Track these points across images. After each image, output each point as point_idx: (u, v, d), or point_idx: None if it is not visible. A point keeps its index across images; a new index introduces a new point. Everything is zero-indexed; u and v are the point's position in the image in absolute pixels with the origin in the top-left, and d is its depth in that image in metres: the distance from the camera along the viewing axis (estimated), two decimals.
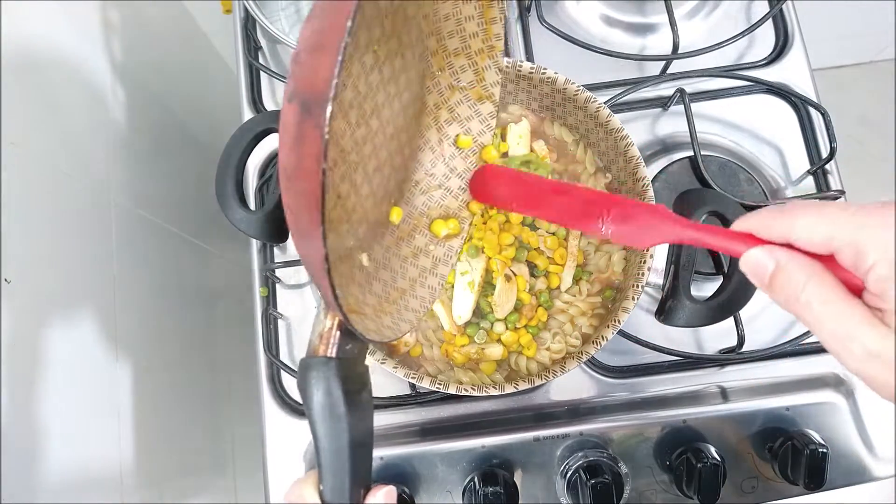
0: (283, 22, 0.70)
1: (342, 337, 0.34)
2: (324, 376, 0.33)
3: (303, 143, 0.27)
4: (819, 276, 0.27)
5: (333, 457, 0.33)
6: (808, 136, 0.65)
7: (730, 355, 0.59)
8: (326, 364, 0.33)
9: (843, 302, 0.27)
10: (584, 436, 0.56)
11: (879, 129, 1.44)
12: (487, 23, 0.43)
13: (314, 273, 0.30)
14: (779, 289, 0.29)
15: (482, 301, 0.52)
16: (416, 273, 0.47)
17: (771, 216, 0.30)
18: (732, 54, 0.68)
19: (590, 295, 0.54)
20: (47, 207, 0.55)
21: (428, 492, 0.55)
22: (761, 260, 0.29)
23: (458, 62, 0.45)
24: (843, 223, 0.27)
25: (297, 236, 0.30)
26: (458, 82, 0.46)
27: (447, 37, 0.43)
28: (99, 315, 0.60)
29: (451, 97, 0.47)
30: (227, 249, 0.96)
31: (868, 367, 0.26)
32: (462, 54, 0.45)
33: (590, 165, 0.56)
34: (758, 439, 0.56)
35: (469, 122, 0.48)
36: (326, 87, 0.26)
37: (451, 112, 0.48)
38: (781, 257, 0.29)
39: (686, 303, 0.45)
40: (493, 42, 0.44)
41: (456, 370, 0.52)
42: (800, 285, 0.28)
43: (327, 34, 0.27)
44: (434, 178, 0.48)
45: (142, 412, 0.64)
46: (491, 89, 0.47)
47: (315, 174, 0.26)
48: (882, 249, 0.25)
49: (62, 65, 0.61)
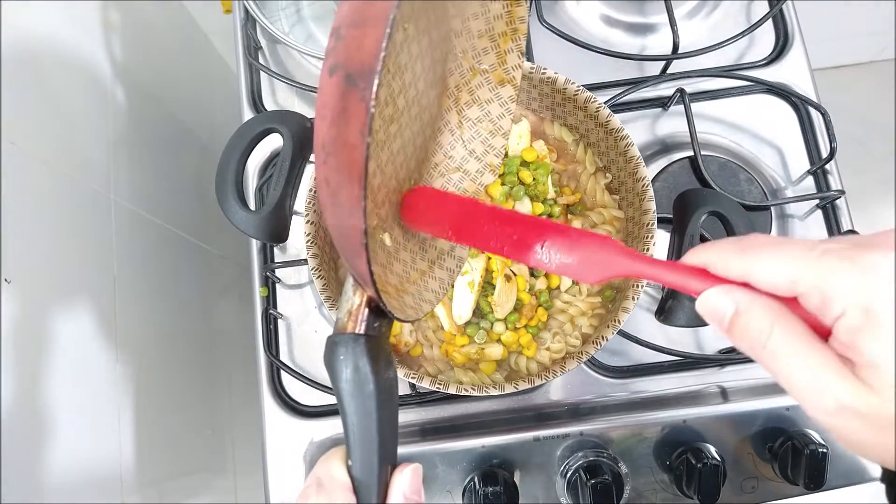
0: (283, 22, 0.70)
1: (370, 314, 0.34)
2: (353, 353, 0.33)
3: (346, 115, 0.27)
4: (785, 322, 0.25)
5: (362, 433, 0.33)
6: (808, 136, 0.65)
7: (730, 355, 0.59)
8: (356, 341, 0.33)
9: (813, 351, 0.24)
10: (584, 436, 0.56)
11: (879, 129, 1.44)
12: (512, 4, 0.43)
13: (349, 247, 0.30)
14: (740, 334, 0.26)
15: (482, 301, 0.52)
16: (434, 255, 0.47)
17: (729, 252, 0.26)
18: (732, 54, 0.68)
19: (590, 295, 0.54)
20: (47, 207, 0.55)
21: (428, 492, 0.55)
22: (719, 302, 0.27)
23: (480, 44, 0.45)
24: (809, 265, 0.24)
25: (334, 210, 0.29)
26: (479, 65, 0.46)
27: (472, 18, 0.43)
28: (99, 315, 0.60)
29: (472, 79, 0.47)
30: (227, 249, 0.96)
31: (841, 421, 0.24)
32: (485, 36, 0.45)
33: (590, 165, 0.56)
34: (758, 439, 0.56)
35: (489, 105, 0.48)
36: (373, 60, 0.26)
37: (471, 94, 0.48)
38: (741, 300, 0.26)
39: (686, 303, 0.45)
40: (516, 24, 0.44)
41: (456, 370, 0.52)
42: (764, 332, 0.25)
43: (374, 7, 0.27)
44: (453, 161, 0.48)
45: (142, 412, 0.64)
46: (512, 73, 0.47)
47: (360, 147, 0.26)
48: (851, 297, 0.23)
49: (62, 65, 0.61)
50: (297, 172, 0.48)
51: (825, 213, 0.63)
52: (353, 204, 0.28)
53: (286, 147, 0.48)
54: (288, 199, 0.48)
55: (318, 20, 0.70)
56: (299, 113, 0.50)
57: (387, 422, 0.33)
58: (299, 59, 0.70)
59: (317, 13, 0.71)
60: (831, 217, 0.63)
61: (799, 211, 0.63)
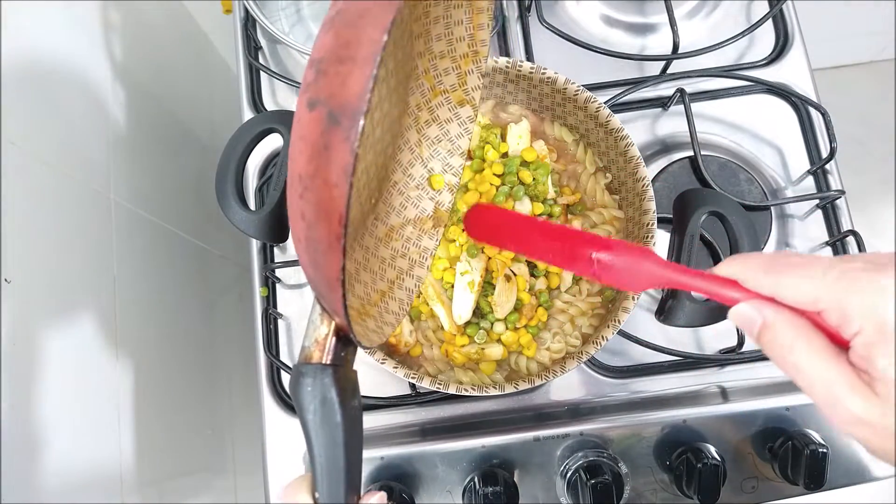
0: (283, 22, 0.70)
1: (338, 343, 0.34)
2: (320, 384, 0.33)
3: (328, 153, 0.26)
4: (806, 337, 0.27)
5: (329, 464, 0.33)
6: (808, 136, 0.65)
7: (730, 355, 0.59)
8: (323, 371, 0.33)
9: (831, 365, 0.26)
10: (584, 436, 0.56)
11: (879, 129, 1.44)
12: (475, 28, 0.43)
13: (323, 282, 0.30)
14: (767, 345, 0.29)
15: (482, 301, 0.52)
16: (394, 275, 0.47)
17: (758, 270, 0.29)
18: (732, 54, 0.68)
19: (590, 295, 0.54)
20: (47, 207, 0.55)
21: (428, 492, 0.55)
22: (749, 315, 0.29)
23: (442, 65, 0.45)
24: (828, 285, 0.26)
25: (309, 245, 0.29)
26: (440, 84, 0.47)
27: (435, 39, 0.44)
28: (99, 315, 0.60)
29: (432, 99, 0.47)
30: (227, 249, 0.96)
31: (857, 430, 0.26)
32: (447, 57, 0.45)
33: (590, 165, 0.56)
34: (758, 439, 0.56)
35: (448, 125, 0.49)
36: (358, 101, 0.26)
37: (431, 113, 0.48)
38: (768, 315, 0.28)
39: (686, 303, 0.45)
40: (478, 47, 0.45)
41: (456, 370, 0.52)
42: (786, 345, 0.27)
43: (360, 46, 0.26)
44: (412, 179, 0.49)
45: (142, 412, 0.64)
46: (472, 93, 0.47)
47: (342, 186, 0.26)
48: (867, 315, 0.25)
49: (62, 64, 0.61)
50: None
51: (825, 213, 0.63)
52: (332, 242, 0.27)
53: (286, 147, 0.48)
54: None
55: (318, 20, 0.70)
56: None
57: (353, 451, 0.34)
58: (299, 59, 0.70)
59: (317, 13, 0.71)
60: (831, 217, 0.63)
61: (799, 211, 0.63)
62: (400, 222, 0.49)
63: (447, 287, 0.53)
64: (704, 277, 0.32)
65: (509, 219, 0.47)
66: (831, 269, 0.26)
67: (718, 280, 0.31)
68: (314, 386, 0.33)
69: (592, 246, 0.38)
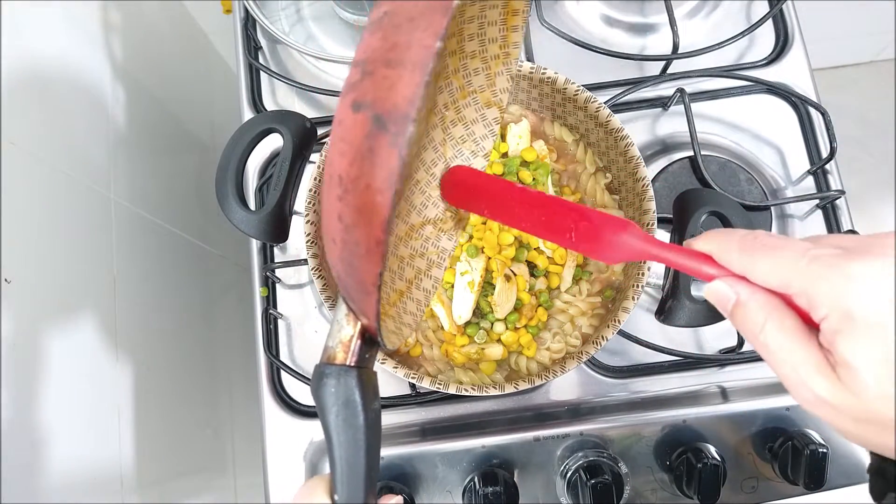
0: (283, 22, 0.70)
1: (363, 345, 0.34)
2: (344, 385, 0.33)
3: (373, 158, 0.26)
4: (777, 318, 0.28)
5: (349, 467, 0.32)
6: (808, 136, 0.65)
7: (730, 355, 0.59)
8: (348, 373, 0.33)
9: (798, 346, 0.27)
10: (584, 436, 0.56)
11: (879, 129, 1.44)
12: (508, 30, 0.43)
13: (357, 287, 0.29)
14: (739, 322, 0.29)
15: (482, 301, 0.52)
16: (412, 275, 0.47)
17: (732, 248, 0.29)
18: (732, 54, 0.68)
19: (590, 295, 0.54)
20: (47, 207, 0.55)
21: (428, 492, 0.55)
22: (723, 292, 0.30)
23: (472, 65, 0.45)
24: (799, 271, 0.27)
25: (345, 247, 0.29)
26: (469, 85, 0.46)
27: (467, 39, 0.43)
28: (99, 315, 0.60)
29: (460, 99, 0.47)
30: (227, 249, 0.96)
31: (821, 411, 0.27)
32: (478, 57, 0.45)
33: (590, 165, 0.56)
34: (758, 439, 0.56)
35: (474, 126, 0.48)
36: (409, 107, 0.25)
37: (458, 113, 0.47)
38: (742, 292, 0.29)
39: (686, 303, 0.45)
40: (509, 49, 0.44)
41: (456, 370, 0.52)
42: (758, 325, 0.28)
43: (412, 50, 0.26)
44: (434, 178, 0.48)
45: (142, 412, 0.64)
46: (500, 95, 0.47)
47: (386, 193, 0.25)
48: (833, 302, 0.25)
49: (62, 65, 0.61)
50: (296, 172, 0.48)
51: (825, 213, 0.63)
52: (372, 247, 0.27)
53: (286, 147, 0.48)
54: (288, 199, 0.48)
55: (318, 20, 0.70)
56: (299, 113, 0.50)
57: (374, 453, 0.33)
58: (299, 59, 0.70)
59: (317, 13, 0.71)
60: (831, 217, 0.63)
61: (799, 211, 0.63)
62: (420, 221, 0.48)
63: (447, 287, 0.53)
64: (681, 252, 0.32)
65: (487, 182, 0.45)
66: (803, 254, 0.27)
67: (694, 255, 0.31)
68: (338, 387, 0.33)
69: (571, 214, 0.38)
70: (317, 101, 0.68)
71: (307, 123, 0.48)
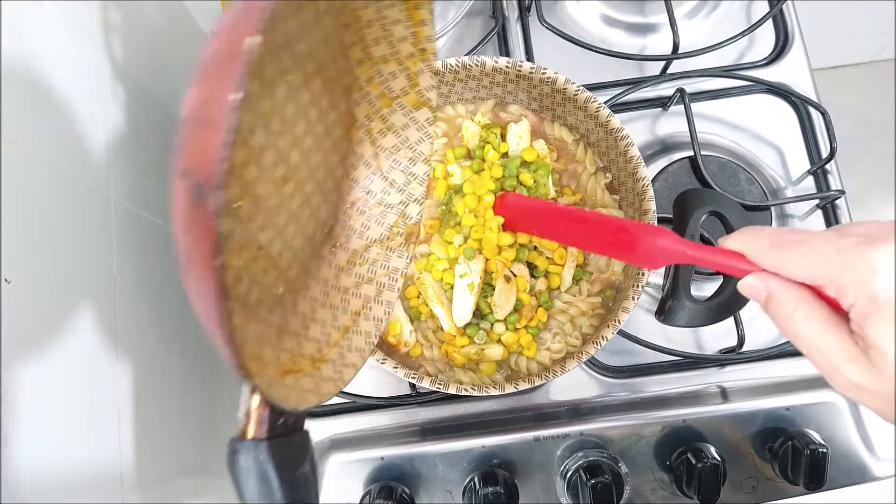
0: None
1: (272, 413, 0.31)
2: (255, 461, 0.30)
3: (195, 230, 0.24)
4: (807, 307, 0.29)
5: None
6: (808, 136, 0.65)
7: (730, 355, 0.59)
8: (257, 447, 0.30)
9: (829, 335, 0.28)
10: (584, 436, 0.56)
11: (879, 129, 1.44)
12: (416, 25, 0.40)
13: (216, 342, 0.27)
14: (772, 314, 0.31)
15: (482, 302, 0.52)
16: (359, 305, 0.44)
17: (762, 246, 0.31)
18: (732, 54, 0.68)
19: (590, 295, 0.54)
20: (47, 207, 0.55)
21: (428, 492, 0.55)
22: (755, 286, 0.31)
23: (387, 69, 0.42)
24: (825, 262, 0.28)
25: (198, 314, 0.27)
26: (389, 91, 0.44)
27: (373, 44, 0.41)
28: (99, 315, 0.60)
29: (383, 107, 0.44)
30: None
31: (855, 395, 0.28)
32: (392, 60, 0.42)
33: (590, 165, 0.56)
34: (758, 439, 0.56)
35: (406, 132, 0.46)
36: (216, 172, 0.23)
37: (384, 122, 0.45)
38: (772, 286, 0.30)
39: (686, 303, 0.45)
40: (424, 45, 0.42)
41: (456, 370, 0.52)
42: (789, 315, 0.30)
43: (212, 106, 0.24)
44: (373, 196, 0.46)
45: (142, 412, 0.64)
46: (426, 94, 0.44)
47: (211, 272, 0.24)
48: (860, 289, 0.27)
49: (62, 64, 0.61)
50: None
51: (825, 213, 0.63)
52: (214, 330, 0.25)
53: None
54: None
55: None
56: None
57: None
58: None
59: None
60: (831, 217, 0.63)
61: (799, 211, 0.63)
62: (363, 244, 0.46)
63: (447, 288, 0.53)
64: (715, 252, 0.34)
65: (534, 206, 0.50)
66: (828, 245, 0.28)
67: (728, 253, 0.33)
68: (248, 464, 0.30)
69: (610, 227, 0.42)
70: None
71: None
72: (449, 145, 0.56)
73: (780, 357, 0.59)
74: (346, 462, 0.56)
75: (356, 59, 0.41)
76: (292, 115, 0.35)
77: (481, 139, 0.55)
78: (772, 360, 0.59)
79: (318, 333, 0.40)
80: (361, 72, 0.42)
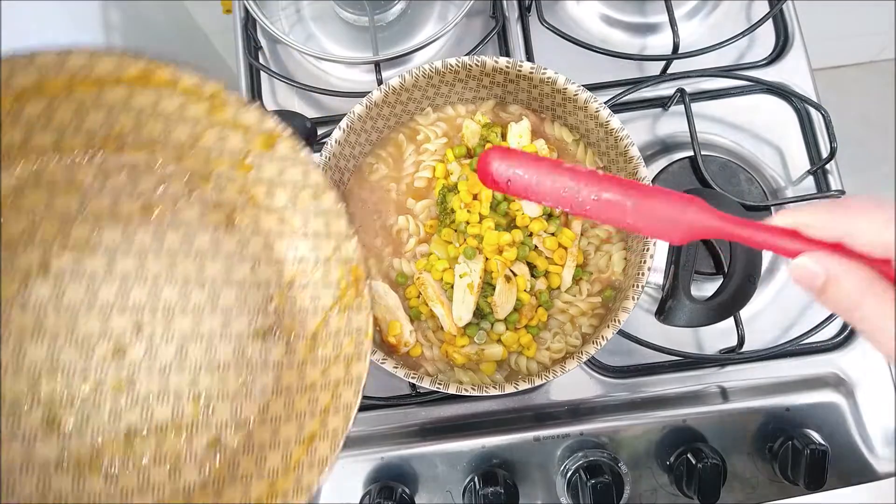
0: (283, 22, 0.70)
1: None
2: None
3: None
4: (877, 293, 0.26)
5: None
6: (808, 136, 0.65)
7: (730, 355, 0.59)
8: None
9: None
10: (584, 436, 0.56)
11: (879, 129, 1.44)
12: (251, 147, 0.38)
13: None
14: (832, 301, 0.27)
15: (482, 301, 0.52)
16: (328, 398, 0.39)
17: (825, 213, 0.27)
18: (732, 54, 0.68)
19: (590, 295, 0.54)
20: None
21: (428, 492, 0.55)
22: (811, 269, 0.28)
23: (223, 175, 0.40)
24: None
25: None
26: (236, 155, 0.41)
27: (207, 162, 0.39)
28: None
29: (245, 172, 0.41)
30: None
31: None
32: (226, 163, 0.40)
33: (590, 165, 0.56)
34: (758, 439, 0.56)
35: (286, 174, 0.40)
36: None
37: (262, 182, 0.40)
38: (833, 269, 0.27)
39: (686, 303, 0.45)
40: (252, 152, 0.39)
41: (456, 370, 0.52)
42: (853, 300, 0.26)
43: None
44: (306, 261, 0.40)
45: None
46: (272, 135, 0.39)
47: None
48: None
49: None
50: None
51: None
52: None
53: None
54: None
55: (317, 20, 0.70)
56: (300, 113, 0.50)
57: None
58: (299, 59, 0.70)
59: (317, 13, 0.71)
60: None
61: None
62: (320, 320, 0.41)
63: (446, 287, 0.53)
64: (759, 228, 0.29)
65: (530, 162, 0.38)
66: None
67: (775, 231, 0.29)
68: None
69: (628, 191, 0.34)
70: (317, 101, 0.68)
71: (307, 123, 0.48)
72: (449, 145, 0.56)
73: (780, 357, 0.59)
74: (345, 462, 0.56)
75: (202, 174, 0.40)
76: None
77: (482, 138, 0.55)
78: (772, 360, 0.59)
79: (276, 463, 0.36)
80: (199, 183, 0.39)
